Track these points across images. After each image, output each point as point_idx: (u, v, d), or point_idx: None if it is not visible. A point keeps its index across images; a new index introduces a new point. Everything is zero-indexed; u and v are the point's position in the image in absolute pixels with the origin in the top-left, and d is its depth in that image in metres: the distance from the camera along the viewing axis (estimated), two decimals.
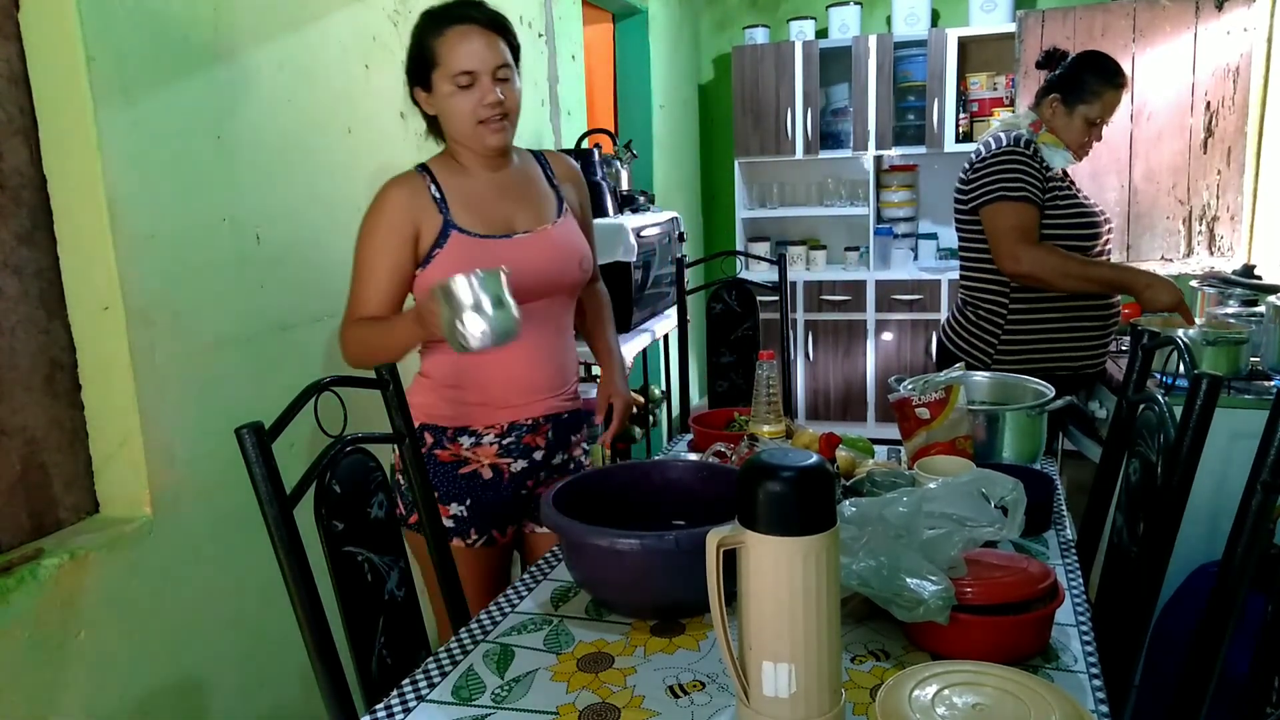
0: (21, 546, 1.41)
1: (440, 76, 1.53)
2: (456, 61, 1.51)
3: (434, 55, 1.53)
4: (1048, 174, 2.26)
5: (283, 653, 1.78)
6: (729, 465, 1.54)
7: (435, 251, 1.56)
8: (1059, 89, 2.28)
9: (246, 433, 1.18)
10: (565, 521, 1.25)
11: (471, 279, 1.33)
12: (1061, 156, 2.28)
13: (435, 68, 1.53)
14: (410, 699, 1.10)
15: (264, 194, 1.81)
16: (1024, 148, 2.25)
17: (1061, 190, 2.28)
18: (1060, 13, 4.05)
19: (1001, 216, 2.23)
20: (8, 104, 1.41)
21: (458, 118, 1.55)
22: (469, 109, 1.53)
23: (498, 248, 1.58)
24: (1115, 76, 2.25)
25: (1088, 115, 2.25)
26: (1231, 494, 1.22)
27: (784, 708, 0.93)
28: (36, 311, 1.45)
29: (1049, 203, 2.25)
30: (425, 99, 1.59)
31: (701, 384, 4.81)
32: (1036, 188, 2.23)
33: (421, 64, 1.55)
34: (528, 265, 1.57)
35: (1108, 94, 2.24)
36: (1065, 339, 2.32)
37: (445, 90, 1.54)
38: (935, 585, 1.07)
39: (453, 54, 1.51)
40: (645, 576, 1.22)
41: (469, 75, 1.52)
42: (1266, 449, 1.14)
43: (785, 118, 4.80)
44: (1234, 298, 2.72)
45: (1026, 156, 2.24)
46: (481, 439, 1.63)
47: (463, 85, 1.52)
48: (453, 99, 1.54)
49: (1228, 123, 3.98)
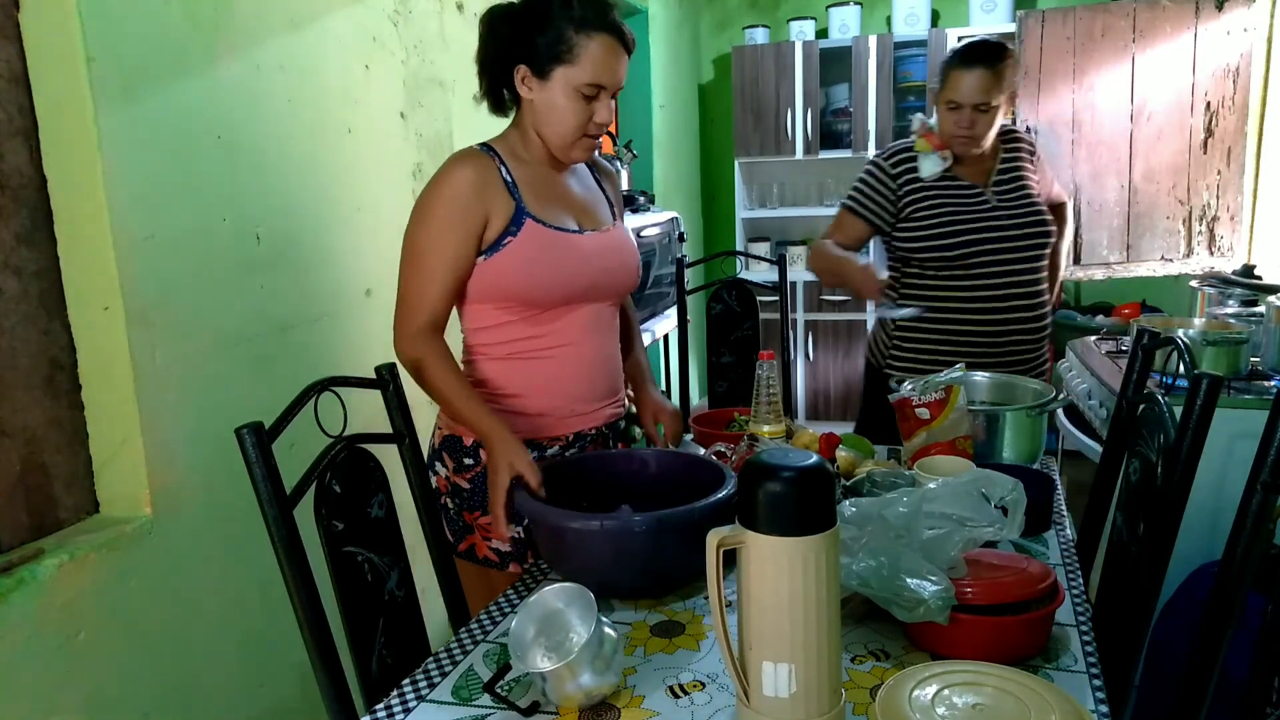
0: (21, 547, 1.41)
1: (565, 74, 1.44)
2: (594, 72, 1.43)
3: (570, 52, 1.43)
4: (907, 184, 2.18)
5: (283, 653, 1.78)
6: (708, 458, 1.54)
7: (507, 239, 1.47)
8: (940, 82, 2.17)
9: (246, 433, 1.18)
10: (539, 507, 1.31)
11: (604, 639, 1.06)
12: (931, 162, 2.17)
13: (564, 64, 1.43)
14: (410, 699, 1.10)
15: (264, 194, 1.81)
16: (888, 157, 2.22)
17: (926, 200, 2.17)
18: (1060, 13, 4.05)
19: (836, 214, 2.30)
20: (8, 104, 1.40)
21: (564, 123, 1.47)
22: (581, 120, 1.47)
23: (573, 241, 1.52)
24: (967, 55, 2.09)
25: (947, 98, 2.11)
26: (1231, 494, 1.22)
27: (784, 708, 0.93)
28: (36, 311, 1.45)
29: (906, 213, 2.18)
30: (530, 81, 1.47)
31: (701, 384, 4.81)
32: (871, 200, 2.20)
33: (549, 51, 1.43)
34: (599, 264, 1.54)
35: (953, 73, 2.10)
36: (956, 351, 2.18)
37: (563, 90, 1.45)
38: (935, 585, 1.07)
39: (593, 63, 1.43)
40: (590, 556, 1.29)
41: (596, 89, 1.45)
42: (1266, 449, 1.14)
43: (785, 118, 4.80)
44: (1234, 298, 2.72)
45: (882, 166, 2.21)
46: (545, 452, 1.57)
47: (586, 95, 1.45)
48: (569, 102, 1.45)
49: (1228, 123, 3.98)
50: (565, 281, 1.51)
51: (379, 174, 2.20)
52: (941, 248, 2.14)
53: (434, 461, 1.61)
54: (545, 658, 1.09)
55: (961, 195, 2.17)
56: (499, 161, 1.50)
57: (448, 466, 1.59)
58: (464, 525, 1.59)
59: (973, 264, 2.14)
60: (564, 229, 1.52)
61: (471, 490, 1.57)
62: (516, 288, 1.49)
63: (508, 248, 1.47)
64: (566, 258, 1.50)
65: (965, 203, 2.16)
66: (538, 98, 1.47)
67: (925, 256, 2.17)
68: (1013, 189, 2.20)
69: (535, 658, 1.08)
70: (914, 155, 2.19)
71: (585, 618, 1.09)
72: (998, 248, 2.14)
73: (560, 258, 1.50)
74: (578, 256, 1.52)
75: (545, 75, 1.45)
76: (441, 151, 2.46)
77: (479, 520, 1.57)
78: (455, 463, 1.58)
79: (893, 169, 2.20)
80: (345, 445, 1.33)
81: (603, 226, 1.60)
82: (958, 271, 2.16)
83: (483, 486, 1.54)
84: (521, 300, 1.51)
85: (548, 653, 1.09)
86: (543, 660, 1.08)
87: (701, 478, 1.41)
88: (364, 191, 2.13)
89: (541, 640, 1.11)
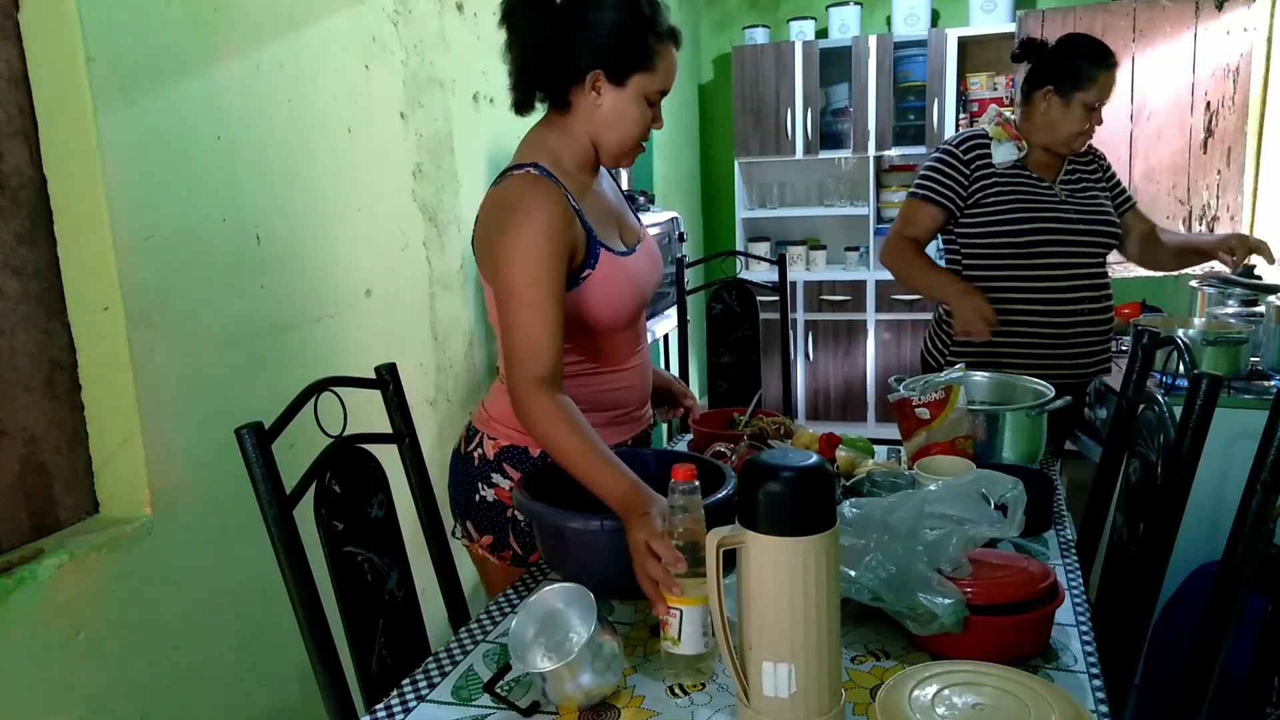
0: (21, 547, 1.41)
1: (641, 81, 1.41)
2: (667, 79, 1.44)
3: (652, 59, 1.41)
4: (979, 172, 2.20)
5: (283, 653, 1.78)
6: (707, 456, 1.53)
7: (586, 273, 1.42)
8: (1050, 80, 2.19)
9: (246, 433, 1.18)
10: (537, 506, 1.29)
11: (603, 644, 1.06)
12: (1007, 149, 2.20)
13: (644, 71, 1.41)
14: (410, 699, 1.10)
15: (264, 194, 1.81)
16: (960, 144, 2.22)
17: (997, 187, 2.19)
18: (1060, 13, 4.05)
19: (903, 208, 2.27)
20: (8, 104, 1.40)
21: (629, 128, 1.45)
22: (644, 127, 1.46)
23: (627, 264, 1.48)
24: (1107, 56, 2.17)
25: (1085, 101, 2.16)
26: (1231, 494, 1.22)
27: (784, 708, 0.93)
28: (36, 311, 1.45)
29: (976, 199, 2.20)
30: (601, 86, 1.41)
31: (701, 384, 4.81)
32: (945, 186, 2.21)
33: (632, 56, 1.40)
34: (649, 283, 1.54)
35: (1102, 76, 2.15)
36: (1020, 345, 2.21)
37: (635, 97, 1.42)
38: (947, 600, 1.08)
39: (667, 70, 1.43)
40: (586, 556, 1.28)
41: (661, 95, 1.46)
42: (1266, 449, 1.15)
43: (785, 118, 4.80)
44: (1234, 298, 2.72)
45: (954, 153, 2.21)
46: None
47: (651, 102, 1.45)
48: (638, 109, 1.43)
49: (1228, 123, 3.98)
50: (627, 308, 1.49)
51: (379, 174, 2.20)
52: (1012, 234, 2.18)
53: (489, 473, 1.52)
54: (545, 658, 1.09)
55: (1033, 186, 2.21)
56: (562, 188, 1.41)
57: (511, 479, 1.51)
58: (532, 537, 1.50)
59: (1040, 253, 2.18)
60: (620, 252, 1.49)
61: None
62: (597, 320, 1.45)
63: (587, 281, 1.42)
64: (630, 285, 1.48)
65: (1036, 193, 2.20)
66: (607, 103, 1.42)
67: (994, 242, 2.19)
68: (1080, 188, 2.25)
69: (535, 658, 1.08)
70: (987, 143, 2.21)
71: (585, 618, 1.09)
72: (1066, 239, 2.18)
73: (625, 285, 1.47)
74: (635, 281, 1.50)
75: (622, 82, 1.41)
76: (441, 151, 2.46)
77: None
78: (522, 474, 1.49)
79: (965, 155, 2.22)
80: (345, 445, 1.33)
81: (637, 237, 1.58)
82: (1024, 261, 2.19)
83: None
84: (586, 331, 1.47)
85: (548, 653, 1.09)
86: (543, 660, 1.08)
87: (701, 478, 1.41)
88: (364, 191, 2.13)
89: (541, 640, 1.11)
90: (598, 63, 1.39)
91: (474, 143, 2.63)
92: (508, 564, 1.54)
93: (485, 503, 1.52)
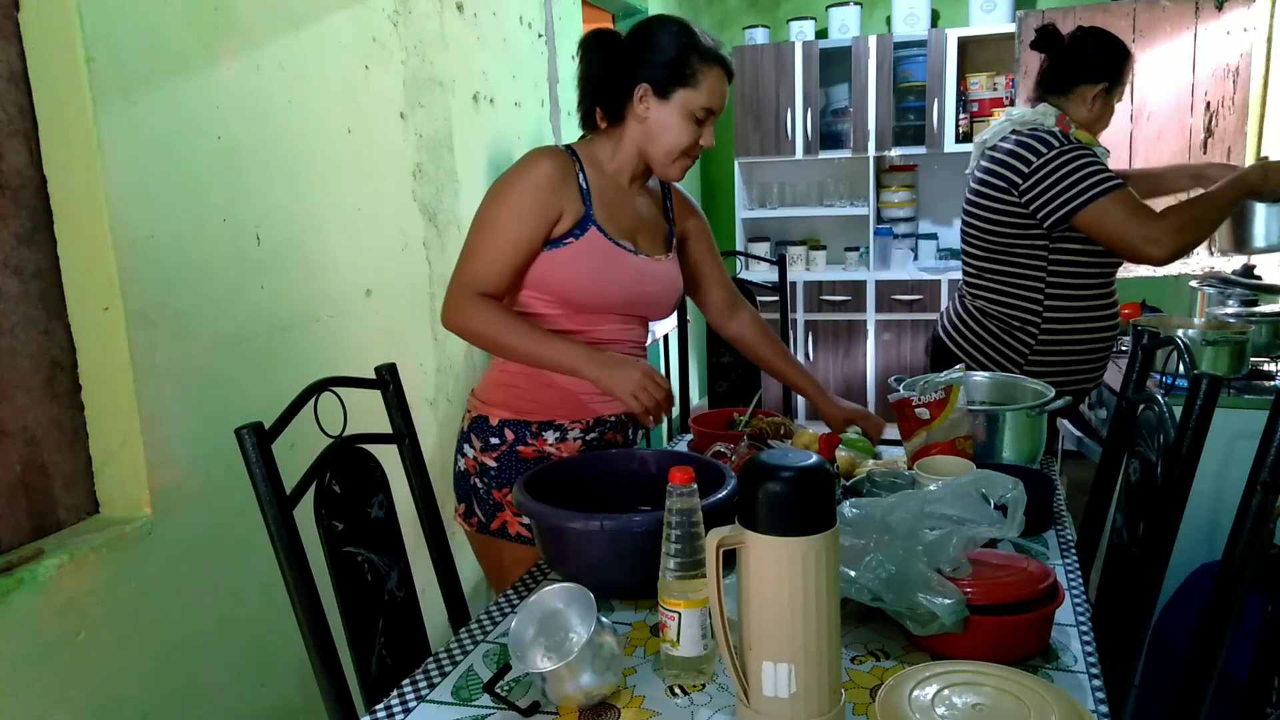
0: (21, 547, 1.41)
1: (685, 97, 1.56)
2: (711, 98, 1.57)
3: (695, 77, 1.55)
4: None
5: (283, 653, 1.78)
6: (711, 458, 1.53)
7: (569, 240, 1.56)
8: (1103, 78, 2.12)
9: (246, 433, 1.18)
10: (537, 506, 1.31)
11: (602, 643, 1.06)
12: (1102, 152, 2.16)
13: (687, 87, 1.56)
14: (410, 699, 1.10)
15: (264, 194, 1.81)
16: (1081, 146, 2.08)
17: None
18: (1060, 13, 4.05)
19: (1112, 214, 2.01)
20: (8, 104, 1.40)
21: (671, 141, 1.58)
22: (689, 141, 1.58)
23: (625, 259, 1.60)
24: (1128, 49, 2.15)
25: (1120, 94, 2.14)
26: (1231, 494, 1.22)
27: (784, 708, 0.93)
28: (36, 311, 1.45)
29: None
30: (648, 99, 1.57)
31: (701, 384, 4.82)
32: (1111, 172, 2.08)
33: (675, 73, 1.55)
34: (640, 287, 1.63)
35: (1129, 68, 2.14)
36: (1090, 350, 2.22)
37: (677, 111, 1.56)
38: (947, 600, 1.08)
39: (711, 90, 1.56)
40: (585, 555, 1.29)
41: (707, 113, 1.58)
42: (1266, 449, 1.15)
43: (785, 118, 4.80)
44: (1234, 298, 2.72)
45: (1086, 149, 2.08)
46: (567, 434, 1.63)
47: (698, 119, 1.57)
48: (683, 123, 1.57)
49: (1228, 123, 3.98)
50: (604, 293, 1.60)
51: (379, 174, 2.20)
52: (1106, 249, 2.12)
53: (462, 444, 1.67)
54: (545, 658, 1.09)
55: None
56: (579, 166, 1.60)
57: (475, 447, 1.65)
58: (494, 503, 1.63)
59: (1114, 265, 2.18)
60: (621, 245, 1.60)
61: (499, 468, 1.62)
62: (562, 286, 1.58)
63: (568, 247, 1.56)
64: (616, 272, 1.59)
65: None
66: (654, 115, 1.58)
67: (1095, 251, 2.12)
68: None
69: (535, 658, 1.08)
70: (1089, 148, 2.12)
71: (585, 618, 1.09)
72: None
73: (609, 270, 1.59)
74: (625, 274, 1.60)
75: (667, 95, 1.56)
76: (441, 151, 2.46)
77: (508, 497, 1.61)
78: (482, 442, 1.63)
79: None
80: (345, 445, 1.33)
81: (656, 254, 1.68)
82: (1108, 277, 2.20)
83: (509, 464, 1.62)
84: (560, 297, 1.59)
85: (548, 653, 1.09)
86: (543, 660, 1.08)
87: (701, 478, 1.41)
88: (364, 191, 2.13)
89: (541, 640, 1.11)
90: (645, 78, 1.56)
91: (474, 143, 2.63)
92: (474, 530, 1.66)
93: (458, 471, 1.68)
